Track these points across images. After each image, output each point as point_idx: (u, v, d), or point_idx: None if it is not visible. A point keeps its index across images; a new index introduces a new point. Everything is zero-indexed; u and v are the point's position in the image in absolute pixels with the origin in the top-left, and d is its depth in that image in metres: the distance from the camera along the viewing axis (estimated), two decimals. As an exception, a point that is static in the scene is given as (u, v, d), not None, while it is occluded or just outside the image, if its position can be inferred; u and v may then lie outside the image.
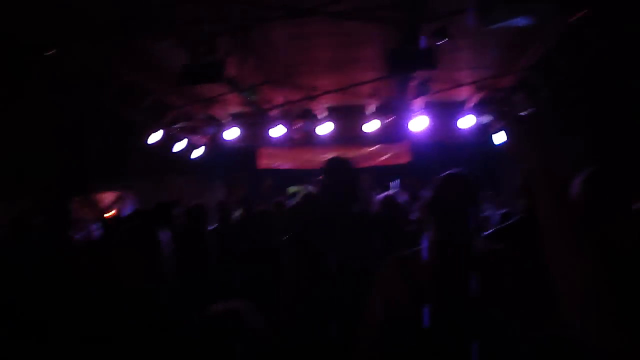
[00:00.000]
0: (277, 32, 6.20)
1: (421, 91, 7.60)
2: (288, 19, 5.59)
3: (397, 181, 7.70)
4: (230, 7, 5.40)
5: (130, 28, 5.66)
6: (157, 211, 5.03)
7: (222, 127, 9.47)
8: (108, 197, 9.43)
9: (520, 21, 4.64)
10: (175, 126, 9.31)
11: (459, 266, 2.25)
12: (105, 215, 8.55)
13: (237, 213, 6.13)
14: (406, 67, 6.01)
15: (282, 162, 10.40)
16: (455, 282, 2.23)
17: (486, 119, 9.24)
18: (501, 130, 9.41)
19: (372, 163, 10.14)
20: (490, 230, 3.20)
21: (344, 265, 3.04)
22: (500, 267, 2.30)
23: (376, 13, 5.64)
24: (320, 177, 3.38)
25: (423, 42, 5.66)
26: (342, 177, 3.29)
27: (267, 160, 10.47)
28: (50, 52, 5.75)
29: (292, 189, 6.67)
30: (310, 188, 5.47)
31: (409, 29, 5.66)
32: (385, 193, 4.73)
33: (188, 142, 9.76)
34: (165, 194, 6.91)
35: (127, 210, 9.24)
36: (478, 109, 9.01)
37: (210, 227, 5.37)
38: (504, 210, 6.04)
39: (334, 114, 9.29)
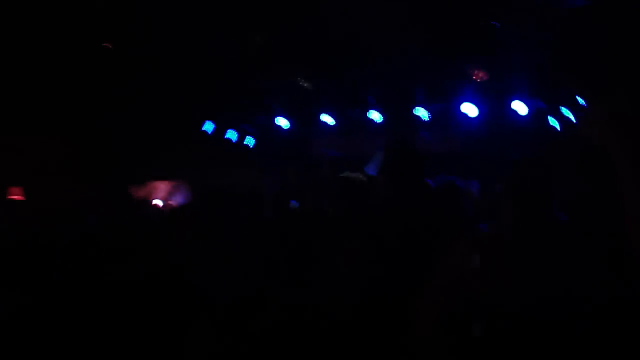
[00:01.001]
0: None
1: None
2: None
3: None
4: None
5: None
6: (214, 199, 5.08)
7: (273, 115, 9.52)
8: (162, 186, 9.58)
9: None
10: (227, 115, 9.41)
11: (540, 247, 2.23)
12: (160, 203, 8.72)
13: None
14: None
15: (336, 149, 10.36)
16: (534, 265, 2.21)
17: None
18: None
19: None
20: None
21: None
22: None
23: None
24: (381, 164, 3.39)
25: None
26: (406, 164, 3.28)
27: (321, 148, 10.46)
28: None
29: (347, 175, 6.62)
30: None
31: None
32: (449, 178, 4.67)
33: (241, 131, 9.85)
34: (217, 184, 7.00)
35: (181, 199, 9.39)
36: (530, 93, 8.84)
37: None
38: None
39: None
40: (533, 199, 2.27)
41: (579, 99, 8.31)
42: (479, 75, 8.01)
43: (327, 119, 9.31)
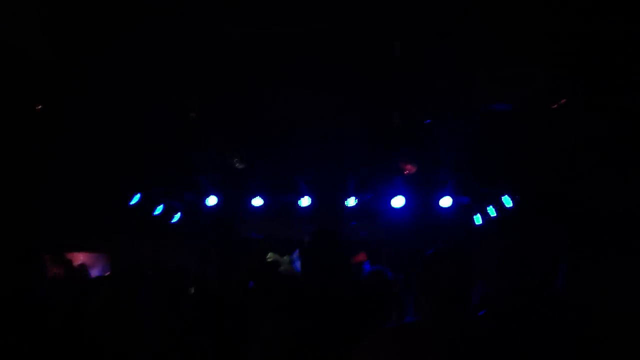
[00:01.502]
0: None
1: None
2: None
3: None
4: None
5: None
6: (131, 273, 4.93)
7: (203, 193, 9.43)
8: (80, 257, 9.24)
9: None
10: (154, 189, 9.26)
11: (461, 347, 2.22)
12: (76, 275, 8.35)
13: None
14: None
15: (262, 231, 10.31)
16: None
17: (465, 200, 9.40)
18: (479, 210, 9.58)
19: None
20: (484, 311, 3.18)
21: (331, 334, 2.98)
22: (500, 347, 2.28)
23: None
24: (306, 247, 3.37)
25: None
26: (329, 250, 3.27)
27: (247, 229, 10.38)
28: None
29: (271, 256, 6.59)
30: (295, 257, 5.46)
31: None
32: (375, 267, 4.71)
33: (167, 206, 9.69)
34: (140, 257, 6.81)
35: (99, 271, 9.06)
36: (457, 189, 9.14)
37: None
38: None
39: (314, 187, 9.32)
40: (448, 294, 2.26)
41: (504, 199, 8.64)
42: (409, 169, 8.21)
43: (257, 202, 9.29)
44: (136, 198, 9.00)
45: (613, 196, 5.95)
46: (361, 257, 6.75)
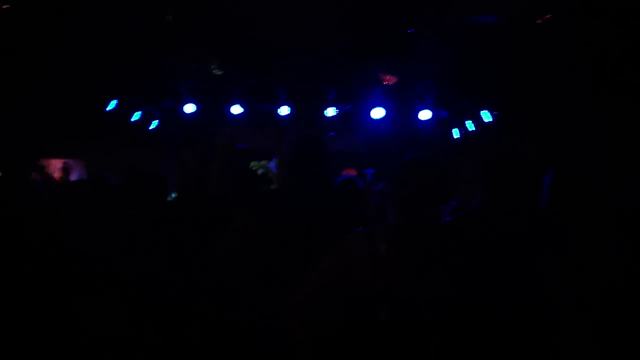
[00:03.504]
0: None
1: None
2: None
3: (373, 170, 7.73)
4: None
5: None
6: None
7: (180, 100, 9.31)
8: (57, 163, 9.19)
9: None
10: (131, 96, 9.13)
11: (425, 254, 2.29)
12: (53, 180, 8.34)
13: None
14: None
15: (241, 141, 10.27)
16: (420, 270, 2.27)
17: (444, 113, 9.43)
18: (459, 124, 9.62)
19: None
20: (450, 218, 3.24)
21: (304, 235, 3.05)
22: (467, 255, 2.35)
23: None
24: (287, 154, 3.40)
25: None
26: (312, 156, 3.30)
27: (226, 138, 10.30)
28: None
29: (255, 164, 6.61)
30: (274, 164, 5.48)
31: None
32: (346, 175, 4.75)
33: (144, 113, 9.59)
34: (117, 164, 6.78)
35: (75, 177, 9.03)
36: (437, 103, 9.13)
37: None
38: (453, 203, 6.15)
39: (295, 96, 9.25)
40: (419, 199, 2.30)
41: (483, 113, 8.67)
42: (389, 80, 8.16)
43: (236, 109, 9.22)
44: (112, 104, 8.87)
45: (596, 115, 5.99)
46: (349, 172, 6.79)
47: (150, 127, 10.05)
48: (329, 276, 2.38)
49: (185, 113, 9.24)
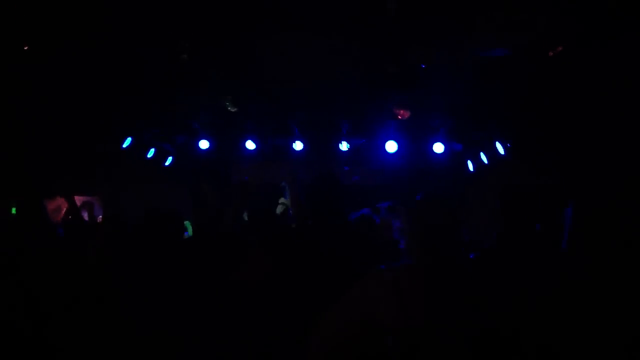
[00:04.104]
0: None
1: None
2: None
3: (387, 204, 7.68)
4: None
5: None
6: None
7: (194, 136, 9.37)
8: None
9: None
10: (146, 132, 9.21)
11: (449, 289, 2.26)
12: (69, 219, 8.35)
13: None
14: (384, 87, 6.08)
15: (255, 175, 10.29)
16: (446, 306, 2.24)
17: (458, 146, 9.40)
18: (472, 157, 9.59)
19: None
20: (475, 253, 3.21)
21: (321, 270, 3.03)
22: (489, 288, 2.32)
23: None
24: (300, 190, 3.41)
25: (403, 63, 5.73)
26: (326, 192, 3.31)
27: (240, 173, 10.35)
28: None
29: (283, 201, 6.60)
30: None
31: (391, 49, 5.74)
32: (362, 211, 4.74)
33: (158, 150, 9.66)
34: (132, 202, 6.78)
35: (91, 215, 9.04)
36: (450, 136, 9.12)
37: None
38: (467, 238, 6.10)
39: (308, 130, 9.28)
40: (439, 235, 2.29)
41: (498, 145, 8.64)
42: (402, 114, 8.17)
43: (249, 144, 9.26)
44: (128, 141, 8.95)
45: (609, 145, 5.95)
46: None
47: (166, 164, 10.09)
48: (351, 316, 2.34)
49: (199, 148, 9.30)
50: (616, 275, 2.42)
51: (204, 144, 9.28)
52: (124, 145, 8.93)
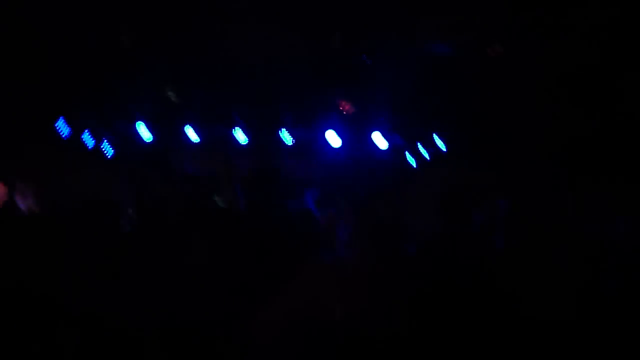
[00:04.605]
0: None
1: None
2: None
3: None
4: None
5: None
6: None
7: (134, 124, 9.16)
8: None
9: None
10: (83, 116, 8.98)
11: (391, 282, 2.27)
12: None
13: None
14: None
15: (199, 166, 10.13)
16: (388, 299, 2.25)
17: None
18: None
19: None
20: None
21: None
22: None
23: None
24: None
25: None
26: (266, 184, 3.30)
27: (182, 163, 10.18)
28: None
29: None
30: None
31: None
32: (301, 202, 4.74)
33: (97, 136, 9.42)
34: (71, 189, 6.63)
35: (25, 203, 8.76)
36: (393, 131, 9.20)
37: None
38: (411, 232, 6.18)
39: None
40: (382, 232, 2.31)
41: (436, 139, 8.77)
42: (345, 107, 8.20)
43: (191, 134, 9.11)
44: (63, 124, 8.72)
45: (547, 141, 6.12)
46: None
47: (107, 154, 9.82)
48: (294, 307, 2.34)
49: (140, 137, 9.11)
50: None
51: (144, 133, 9.08)
52: (60, 129, 8.68)
